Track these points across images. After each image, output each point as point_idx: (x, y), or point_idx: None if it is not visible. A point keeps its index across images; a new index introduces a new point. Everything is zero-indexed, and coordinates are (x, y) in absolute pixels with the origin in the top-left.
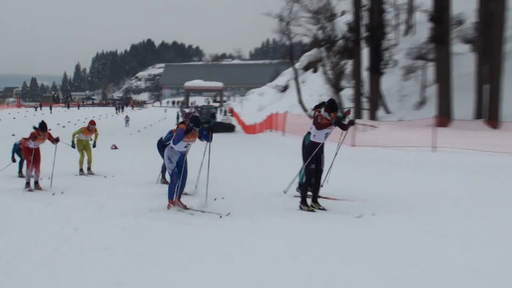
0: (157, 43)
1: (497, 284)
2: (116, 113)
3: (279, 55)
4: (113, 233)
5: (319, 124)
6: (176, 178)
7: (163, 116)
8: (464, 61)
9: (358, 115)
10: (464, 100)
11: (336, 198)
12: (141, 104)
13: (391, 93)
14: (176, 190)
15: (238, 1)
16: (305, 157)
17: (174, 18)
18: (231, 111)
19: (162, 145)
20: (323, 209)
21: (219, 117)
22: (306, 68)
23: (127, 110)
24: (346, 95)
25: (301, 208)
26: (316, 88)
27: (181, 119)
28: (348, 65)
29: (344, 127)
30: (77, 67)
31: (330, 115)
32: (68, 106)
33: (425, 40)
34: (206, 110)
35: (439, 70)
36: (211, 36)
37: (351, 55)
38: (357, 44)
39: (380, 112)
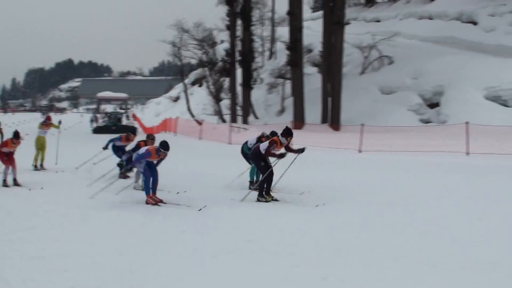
0: (76, 61)
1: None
2: (41, 117)
3: (172, 72)
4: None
5: (270, 153)
6: (148, 173)
7: (79, 120)
8: (313, 79)
9: (234, 119)
10: (313, 109)
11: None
12: (62, 110)
13: (258, 103)
14: (151, 185)
15: (140, 29)
16: (255, 161)
17: (90, 41)
18: (134, 116)
19: (116, 147)
20: (276, 199)
21: (124, 121)
22: (193, 83)
23: (51, 114)
24: (225, 105)
25: (258, 200)
26: (201, 99)
27: (97, 124)
28: (226, 81)
29: (294, 151)
30: (13, 80)
31: (287, 139)
32: (5, 111)
33: (284, 64)
34: (114, 115)
35: (294, 86)
36: (119, 56)
37: (228, 73)
38: (232, 65)
39: (251, 118)
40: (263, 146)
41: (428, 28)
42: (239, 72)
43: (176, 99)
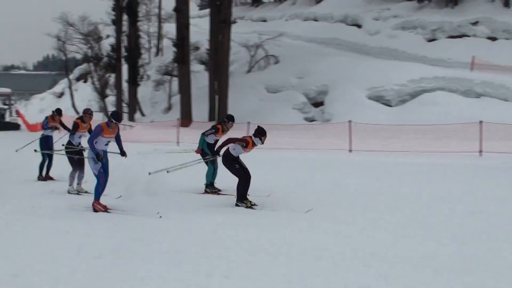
0: None
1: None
2: None
3: (57, 67)
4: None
5: (227, 141)
6: (103, 178)
7: None
8: (200, 77)
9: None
10: (200, 107)
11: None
12: None
13: (145, 100)
14: (102, 190)
15: (24, 21)
16: (228, 165)
17: None
18: (18, 112)
19: (46, 144)
20: (255, 204)
21: (8, 118)
22: (78, 79)
23: None
24: (110, 101)
25: (237, 205)
26: (86, 95)
27: None
28: (112, 78)
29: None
30: None
31: (261, 139)
32: None
33: (171, 61)
34: None
35: (182, 84)
36: (1, 49)
37: (114, 69)
38: (118, 61)
39: (137, 115)
40: (232, 146)
41: (313, 30)
42: (125, 68)
43: (61, 95)
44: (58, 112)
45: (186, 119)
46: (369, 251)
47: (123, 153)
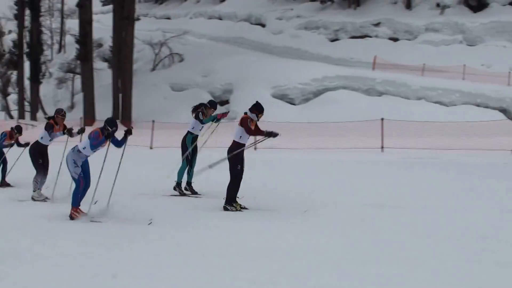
0: None
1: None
2: None
3: None
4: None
5: (250, 130)
6: (83, 183)
7: None
8: (103, 75)
9: (22, 116)
10: (104, 105)
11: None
12: None
13: (47, 99)
14: (81, 196)
15: None
16: (230, 160)
17: None
18: None
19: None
20: (244, 207)
21: None
22: None
23: None
24: (12, 99)
25: (226, 209)
26: None
27: None
28: (14, 75)
29: (264, 134)
30: None
31: (257, 116)
32: None
33: (73, 58)
34: None
35: (85, 82)
36: None
37: (15, 66)
38: (20, 57)
39: (39, 114)
40: (236, 132)
41: (218, 28)
42: (27, 65)
43: None
44: (18, 130)
45: (89, 118)
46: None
47: (129, 132)
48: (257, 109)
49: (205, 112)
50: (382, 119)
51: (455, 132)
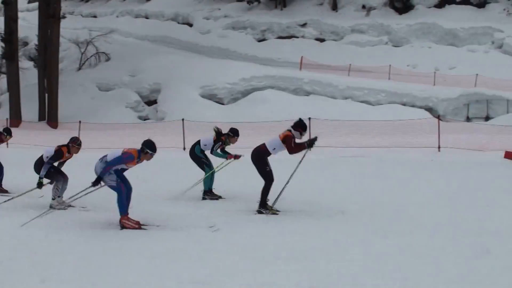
0: None
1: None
2: None
3: None
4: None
5: (293, 149)
6: (124, 188)
7: None
8: (29, 74)
9: None
10: (31, 105)
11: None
12: None
13: None
14: (127, 202)
15: None
16: (259, 164)
17: None
18: None
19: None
20: (278, 210)
21: None
22: None
23: None
24: None
25: (260, 212)
26: None
27: None
28: None
29: (309, 145)
30: None
31: (301, 134)
32: None
33: None
34: None
35: (10, 81)
36: None
37: None
38: None
39: None
40: (273, 143)
41: (144, 27)
42: None
43: None
44: (8, 132)
45: (15, 119)
46: None
47: None
48: (301, 126)
49: (228, 140)
50: (310, 118)
51: (383, 130)
